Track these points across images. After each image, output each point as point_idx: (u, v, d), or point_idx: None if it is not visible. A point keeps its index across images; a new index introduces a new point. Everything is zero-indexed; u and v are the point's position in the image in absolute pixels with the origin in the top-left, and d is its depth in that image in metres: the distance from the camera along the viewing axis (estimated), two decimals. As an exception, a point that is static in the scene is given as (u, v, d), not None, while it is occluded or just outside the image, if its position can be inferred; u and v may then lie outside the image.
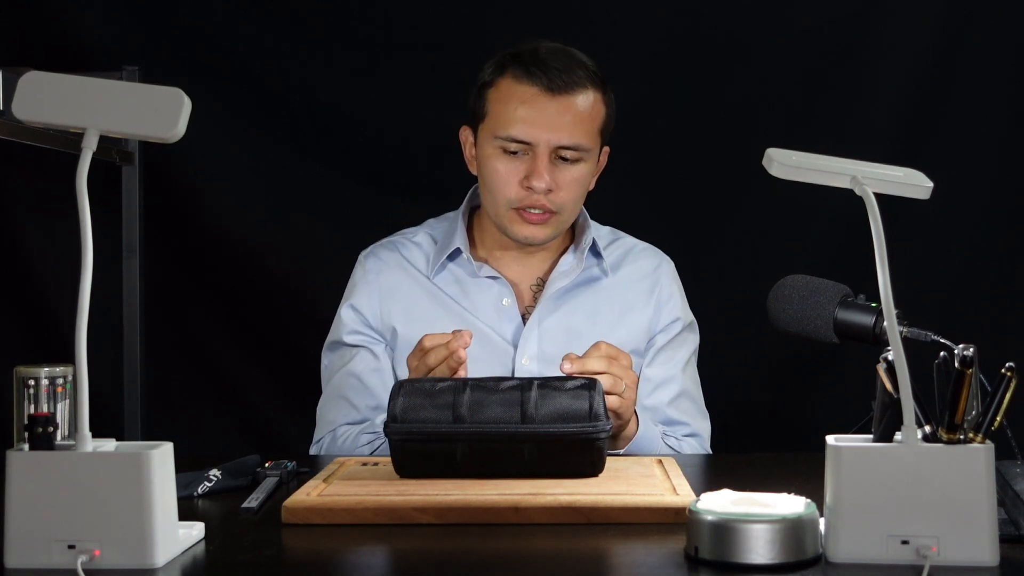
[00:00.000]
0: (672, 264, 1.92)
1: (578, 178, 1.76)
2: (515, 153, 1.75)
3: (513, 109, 1.74)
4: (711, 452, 1.83)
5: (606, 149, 1.85)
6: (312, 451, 1.81)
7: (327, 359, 1.87)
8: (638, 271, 1.88)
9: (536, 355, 1.78)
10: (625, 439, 1.66)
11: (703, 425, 1.86)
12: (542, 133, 1.72)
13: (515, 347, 1.79)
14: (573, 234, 1.88)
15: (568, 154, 1.74)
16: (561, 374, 1.71)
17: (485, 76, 1.80)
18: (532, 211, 1.76)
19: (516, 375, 1.76)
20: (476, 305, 1.82)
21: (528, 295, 1.84)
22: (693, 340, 1.90)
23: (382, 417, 1.74)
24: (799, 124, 2.37)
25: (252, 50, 2.44)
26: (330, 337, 1.87)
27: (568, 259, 1.84)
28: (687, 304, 1.91)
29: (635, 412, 1.66)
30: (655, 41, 2.39)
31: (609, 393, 1.52)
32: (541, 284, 1.85)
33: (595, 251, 1.86)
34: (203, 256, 2.47)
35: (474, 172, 1.84)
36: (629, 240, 1.93)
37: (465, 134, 1.85)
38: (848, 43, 2.38)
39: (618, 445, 1.67)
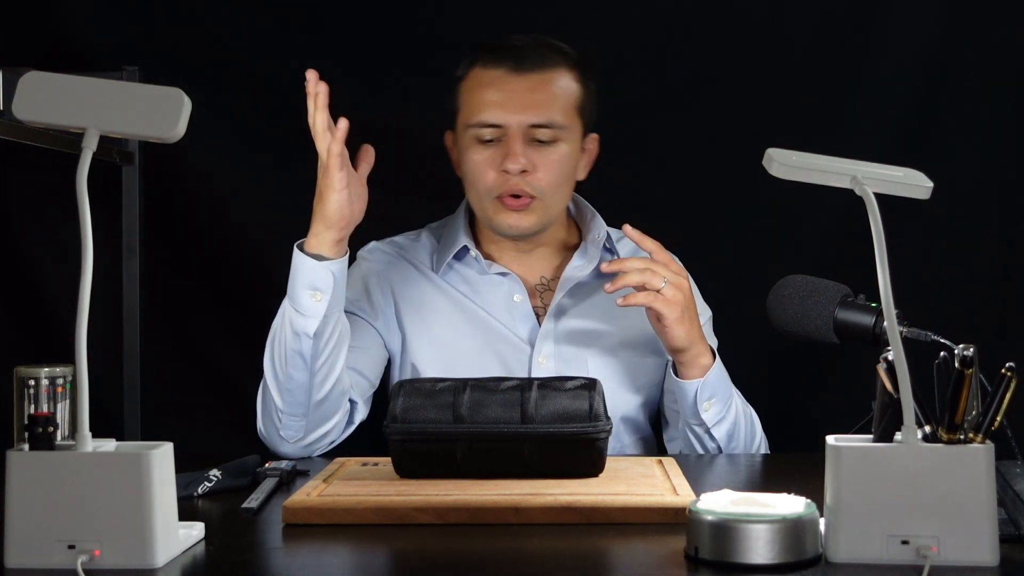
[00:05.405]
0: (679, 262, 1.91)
1: (557, 160, 1.71)
2: (490, 141, 1.71)
3: (482, 94, 1.71)
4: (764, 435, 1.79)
5: (594, 136, 1.81)
6: (258, 412, 1.68)
7: None
8: None
9: (553, 353, 1.75)
10: (693, 362, 1.62)
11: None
12: (512, 115, 1.69)
13: (531, 346, 1.76)
14: (580, 233, 1.86)
15: (542, 134, 1.70)
16: (570, 374, 1.69)
17: (458, 72, 1.78)
18: (511, 197, 1.71)
19: (532, 374, 1.74)
20: (488, 303, 1.79)
21: (535, 294, 1.82)
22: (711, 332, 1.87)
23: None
24: (799, 124, 2.36)
25: (253, 49, 2.43)
26: None
27: (581, 255, 1.81)
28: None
29: (710, 347, 1.63)
30: (655, 40, 2.39)
31: (642, 288, 1.54)
32: (546, 282, 1.82)
33: (608, 246, 1.82)
34: (203, 256, 2.46)
35: (460, 175, 1.81)
36: None
37: (449, 139, 1.83)
38: (848, 43, 2.38)
39: (688, 373, 1.62)
